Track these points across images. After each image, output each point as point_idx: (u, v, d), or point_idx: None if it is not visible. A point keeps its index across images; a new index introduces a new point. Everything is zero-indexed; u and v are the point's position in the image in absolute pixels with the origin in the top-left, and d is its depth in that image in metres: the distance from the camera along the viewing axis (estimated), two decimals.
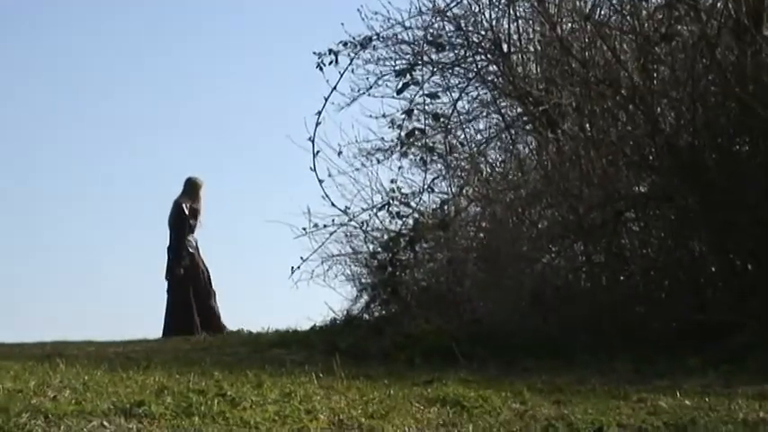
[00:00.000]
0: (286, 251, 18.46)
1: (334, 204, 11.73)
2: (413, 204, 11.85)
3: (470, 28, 11.88)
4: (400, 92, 11.85)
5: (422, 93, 11.83)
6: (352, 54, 11.82)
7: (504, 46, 11.72)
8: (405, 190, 11.87)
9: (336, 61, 11.76)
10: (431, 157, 11.97)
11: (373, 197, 11.89)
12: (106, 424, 5.60)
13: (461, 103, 12.15)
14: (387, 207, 11.77)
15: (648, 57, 10.31)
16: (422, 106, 11.88)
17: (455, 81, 12.14)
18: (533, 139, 12.05)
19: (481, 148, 12.29)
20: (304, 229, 11.74)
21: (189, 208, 13.79)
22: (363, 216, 11.84)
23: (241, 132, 26.34)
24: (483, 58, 12.00)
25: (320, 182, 11.64)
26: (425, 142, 11.92)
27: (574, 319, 9.77)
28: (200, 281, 13.90)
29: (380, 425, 5.98)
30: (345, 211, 11.76)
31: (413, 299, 10.93)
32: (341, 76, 11.76)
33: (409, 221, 11.70)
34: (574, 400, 7.01)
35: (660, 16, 10.49)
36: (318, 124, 11.57)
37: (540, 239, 10.58)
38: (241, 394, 6.43)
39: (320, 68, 11.73)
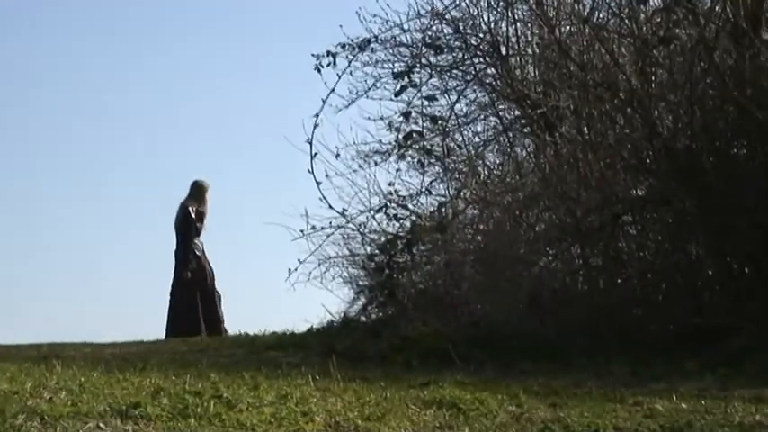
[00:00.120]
0: (283, 253, 18.53)
1: (331, 206, 11.74)
2: (410, 207, 11.87)
3: (468, 31, 11.88)
4: (398, 94, 11.87)
5: (420, 95, 11.86)
6: (350, 56, 11.84)
7: (503, 49, 11.71)
8: (402, 192, 11.91)
9: (334, 63, 11.78)
10: (428, 160, 11.98)
11: (371, 199, 11.90)
12: (102, 425, 5.59)
13: (459, 105, 12.16)
14: (384, 209, 11.77)
15: (646, 60, 10.31)
16: (420, 109, 11.90)
17: (453, 84, 12.14)
18: (531, 142, 12.05)
19: (479, 150, 12.29)
20: (301, 232, 11.74)
21: (195, 211, 13.79)
22: (361, 218, 11.86)
23: (239, 133, 26.38)
24: (481, 60, 11.99)
25: (318, 184, 11.65)
26: (423, 145, 11.93)
27: (571, 321, 9.77)
28: (207, 284, 13.90)
29: (377, 427, 5.97)
30: (343, 214, 11.77)
31: (410, 301, 10.92)
32: (339, 78, 11.79)
33: (407, 224, 11.71)
34: (570, 402, 7.00)
35: (658, 20, 10.49)
36: (316, 126, 11.60)
37: (538, 242, 10.58)
38: (237, 396, 6.42)
39: (318, 70, 11.75)
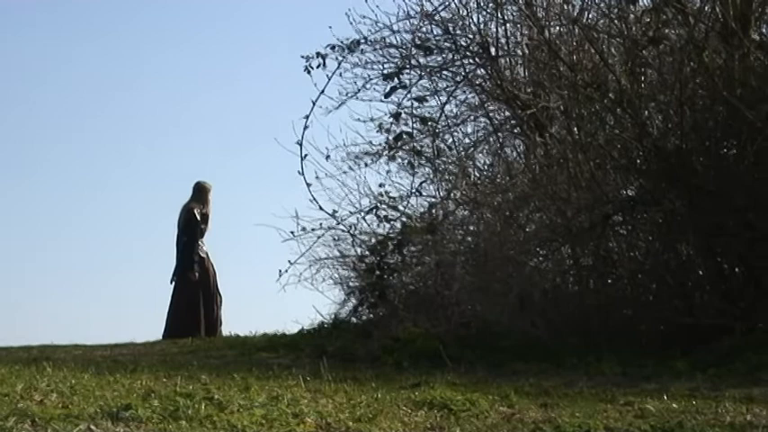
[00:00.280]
0: (274, 255, 18.51)
1: (321, 208, 11.74)
2: (401, 208, 11.85)
3: (458, 31, 11.86)
4: (388, 95, 11.85)
5: (410, 96, 11.85)
6: (339, 57, 11.83)
7: (492, 49, 11.70)
8: (393, 193, 11.89)
9: (324, 65, 11.77)
10: (419, 161, 11.97)
11: (361, 201, 11.90)
12: (93, 427, 5.58)
13: (449, 106, 12.14)
14: (375, 210, 11.77)
15: (636, 60, 10.31)
16: (410, 110, 11.88)
17: (443, 84, 12.12)
18: (521, 142, 12.06)
19: (469, 151, 12.28)
20: (292, 233, 11.74)
21: (200, 213, 13.79)
22: (351, 219, 11.85)
23: (229, 135, 26.38)
24: (471, 61, 11.98)
25: (308, 185, 11.64)
26: (413, 146, 11.92)
27: (561, 322, 9.78)
28: (209, 286, 13.88)
29: (368, 428, 5.97)
30: (333, 215, 11.77)
31: (401, 302, 10.92)
32: (329, 79, 11.76)
33: (397, 225, 11.70)
34: (561, 403, 7.01)
35: (648, 20, 10.49)
36: (306, 128, 11.59)
37: (528, 243, 10.58)
38: (228, 398, 6.42)
39: (308, 72, 11.74)
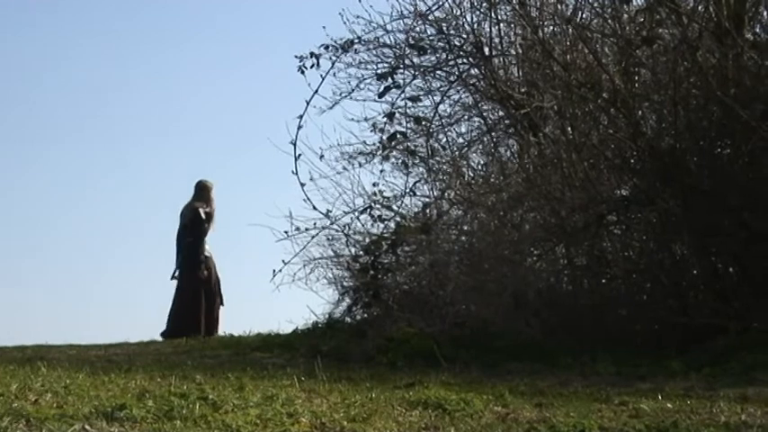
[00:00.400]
0: (268, 254, 18.48)
1: (315, 208, 11.75)
2: (395, 208, 11.86)
3: (452, 31, 11.85)
4: (382, 95, 11.84)
5: (403, 96, 11.85)
6: (333, 57, 11.83)
7: (486, 49, 11.70)
8: (387, 193, 11.91)
9: (318, 65, 11.77)
10: (412, 161, 11.98)
11: (355, 200, 11.91)
12: (88, 427, 5.57)
13: (443, 106, 12.14)
14: (369, 210, 11.78)
15: (630, 60, 10.31)
16: (403, 110, 11.88)
17: (437, 84, 12.12)
18: (515, 142, 12.05)
19: (463, 151, 12.28)
20: (286, 233, 11.74)
21: (204, 212, 13.78)
22: (345, 219, 11.86)
23: (222, 135, 26.39)
24: (465, 61, 11.97)
25: (302, 185, 11.65)
26: (407, 146, 11.92)
27: (556, 321, 9.78)
28: (212, 286, 13.87)
29: (362, 428, 5.96)
30: (327, 215, 11.77)
31: (395, 302, 10.91)
32: (323, 79, 11.78)
33: (391, 225, 11.71)
34: (556, 402, 7.01)
35: (641, 19, 10.50)
36: (300, 128, 11.59)
37: (523, 243, 10.57)
38: (223, 398, 6.41)
39: (302, 72, 11.74)
